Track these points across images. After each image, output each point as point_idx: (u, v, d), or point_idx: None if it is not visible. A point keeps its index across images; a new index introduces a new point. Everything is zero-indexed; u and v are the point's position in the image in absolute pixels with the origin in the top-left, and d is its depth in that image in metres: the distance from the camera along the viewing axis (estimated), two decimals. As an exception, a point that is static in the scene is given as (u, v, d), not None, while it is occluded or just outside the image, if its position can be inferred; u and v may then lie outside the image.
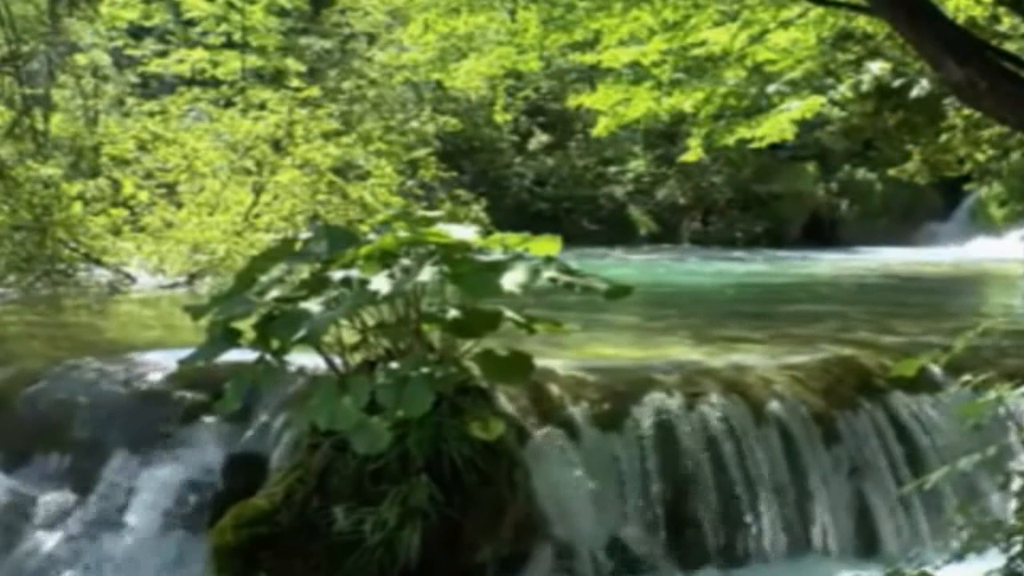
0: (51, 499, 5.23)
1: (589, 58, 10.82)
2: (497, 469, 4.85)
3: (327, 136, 14.13)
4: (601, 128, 11.51)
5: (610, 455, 5.43)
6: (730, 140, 11.73)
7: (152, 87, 19.99)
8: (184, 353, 5.07)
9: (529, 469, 5.12)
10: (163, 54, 20.46)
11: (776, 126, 11.30)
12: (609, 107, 10.88)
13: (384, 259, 4.86)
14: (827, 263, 19.46)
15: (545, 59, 12.91)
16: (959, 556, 3.36)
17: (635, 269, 17.37)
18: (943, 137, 16.04)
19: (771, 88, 11.53)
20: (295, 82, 16.63)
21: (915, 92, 15.18)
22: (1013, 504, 3.63)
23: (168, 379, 5.61)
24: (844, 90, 15.32)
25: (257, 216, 12.99)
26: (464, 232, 5.09)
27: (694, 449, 5.53)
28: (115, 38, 19.96)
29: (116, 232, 12.64)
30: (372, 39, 23.07)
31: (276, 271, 5.01)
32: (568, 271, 4.89)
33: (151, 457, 5.29)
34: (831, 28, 10.45)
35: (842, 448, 5.81)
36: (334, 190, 13.81)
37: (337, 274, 4.84)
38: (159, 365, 5.79)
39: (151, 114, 14.45)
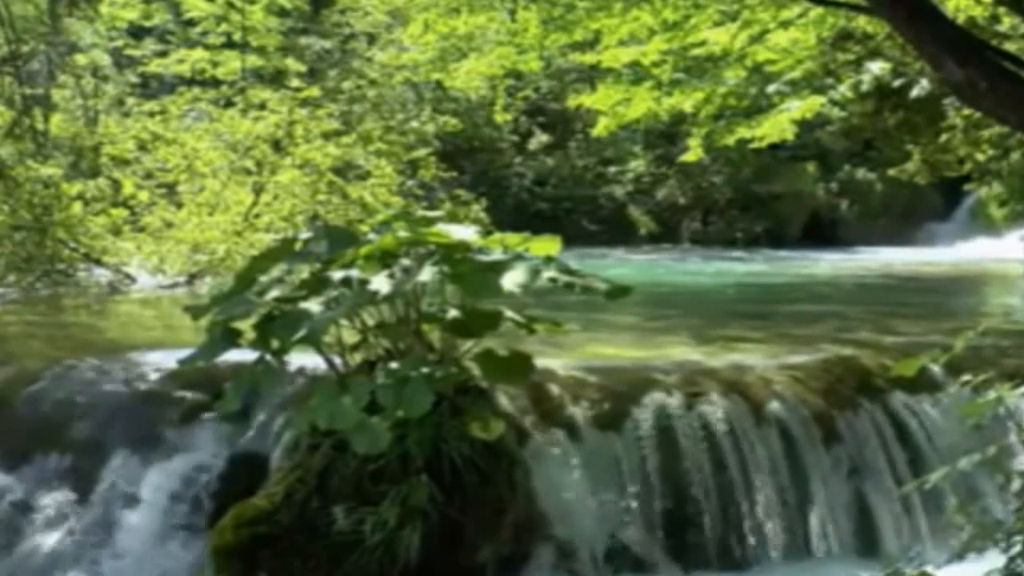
0: (51, 499, 5.22)
1: (589, 58, 10.82)
2: (497, 469, 4.85)
3: (327, 136, 14.14)
4: (601, 128, 11.50)
5: (610, 455, 5.43)
6: (730, 140, 11.74)
7: (152, 87, 20.00)
8: (184, 353, 5.08)
9: (529, 469, 5.13)
10: (163, 54, 20.45)
11: (776, 126, 11.30)
12: (609, 107, 10.87)
13: (384, 259, 4.87)
14: (827, 263, 19.46)
15: (545, 59, 12.92)
16: (959, 556, 3.36)
17: (635, 269, 17.36)
18: (943, 137, 16.03)
19: (771, 88, 11.52)
20: (295, 82, 16.61)
21: (915, 92, 15.18)
22: (1013, 504, 3.62)
23: (168, 379, 5.61)
24: (844, 90, 15.32)
25: (257, 216, 13.00)
26: (464, 232, 5.09)
27: (694, 449, 5.52)
28: (115, 38, 19.98)
29: (116, 232, 12.66)
30: (372, 39, 23.05)
31: (276, 271, 5.02)
32: (568, 271, 4.90)
33: (151, 457, 5.28)
34: (831, 28, 10.45)
35: (842, 448, 5.81)
36: (334, 190, 13.82)
37: (337, 274, 4.85)
38: (159, 365, 5.79)
39: (151, 114, 14.46)
